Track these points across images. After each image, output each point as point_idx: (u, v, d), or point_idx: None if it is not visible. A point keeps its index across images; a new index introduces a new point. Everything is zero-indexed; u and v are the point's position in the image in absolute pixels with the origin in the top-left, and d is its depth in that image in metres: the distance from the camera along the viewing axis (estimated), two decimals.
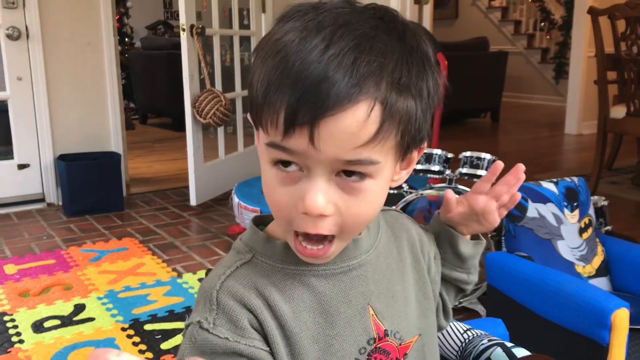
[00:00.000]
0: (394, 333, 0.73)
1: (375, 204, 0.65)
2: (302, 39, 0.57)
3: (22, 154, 3.52)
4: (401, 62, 0.59)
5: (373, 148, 0.59)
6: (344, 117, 0.56)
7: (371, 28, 0.59)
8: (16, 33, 3.36)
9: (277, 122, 0.58)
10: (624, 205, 3.61)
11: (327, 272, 0.69)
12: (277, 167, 0.62)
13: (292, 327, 0.66)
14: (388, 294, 0.74)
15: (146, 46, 6.99)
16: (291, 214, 0.62)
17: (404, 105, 0.59)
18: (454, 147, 2.36)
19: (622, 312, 1.38)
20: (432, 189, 2.25)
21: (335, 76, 0.55)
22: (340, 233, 0.63)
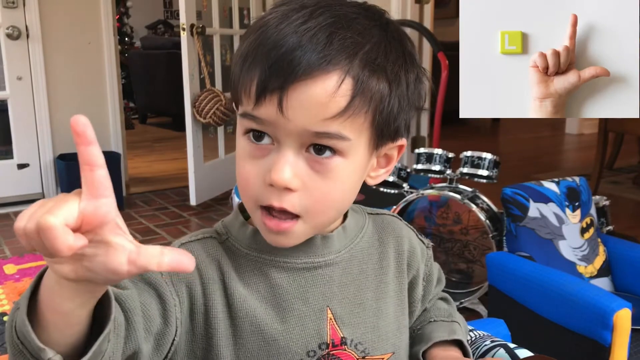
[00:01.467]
0: (355, 344, 0.69)
1: (344, 187, 0.63)
2: (283, 16, 0.59)
3: (21, 153, 3.52)
4: (379, 46, 0.60)
5: (343, 122, 0.59)
6: (313, 86, 0.57)
7: (353, 13, 0.61)
8: (16, 33, 3.35)
9: (250, 91, 0.59)
10: (625, 205, 3.61)
11: (288, 265, 0.67)
12: (249, 139, 0.62)
13: (239, 310, 0.65)
14: (355, 300, 0.70)
15: (146, 46, 6.98)
16: (258, 188, 0.62)
17: (377, 85, 0.59)
18: (455, 147, 2.35)
19: (624, 313, 1.38)
20: (433, 189, 2.24)
21: (307, 46, 0.56)
22: (306, 213, 0.62)
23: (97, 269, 0.43)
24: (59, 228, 0.39)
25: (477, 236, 2.27)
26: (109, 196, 0.43)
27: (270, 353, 0.65)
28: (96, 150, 0.42)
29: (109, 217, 0.42)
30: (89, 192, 0.42)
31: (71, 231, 0.40)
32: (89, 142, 0.42)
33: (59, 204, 0.41)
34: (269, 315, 0.66)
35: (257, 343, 0.65)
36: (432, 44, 2.90)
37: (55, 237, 0.39)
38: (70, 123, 0.41)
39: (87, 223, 0.42)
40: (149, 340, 0.59)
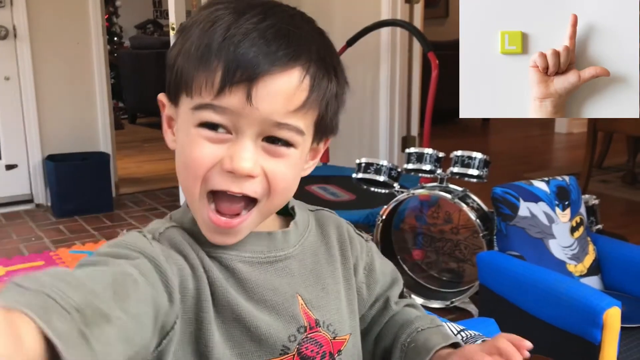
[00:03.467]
0: (327, 325, 0.72)
1: (294, 174, 0.67)
2: (236, 13, 0.62)
3: (9, 154, 3.49)
4: (323, 48, 0.66)
5: (301, 116, 0.63)
6: (281, 79, 0.61)
7: (295, 15, 0.66)
8: (3, 32, 3.32)
9: (212, 82, 0.61)
10: (614, 203, 3.63)
11: (253, 259, 0.69)
12: (204, 128, 0.63)
13: (221, 299, 0.66)
14: (317, 286, 0.74)
15: (135, 45, 6.95)
16: (213, 172, 0.63)
17: (327, 84, 0.65)
18: (445, 146, 2.35)
19: (614, 311, 1.38)
20: (423, 189, 2.24)
21: (273, 42, 0.61)
22: (263, 196, 0.65)
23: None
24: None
25: (468, 235, 2.27)
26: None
27: (253, 338, 0.67)
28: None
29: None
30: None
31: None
32: None
33: None
34: (245, 306, 0.67)
35: (240, 329, 0.66)
36: (422, 44, 2.90)
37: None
38: None
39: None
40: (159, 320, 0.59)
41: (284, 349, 0.68)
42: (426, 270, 2.42)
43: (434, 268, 2.42)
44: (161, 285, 0.59)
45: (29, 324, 0.41)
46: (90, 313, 0.47)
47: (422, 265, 2.42)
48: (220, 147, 0.63)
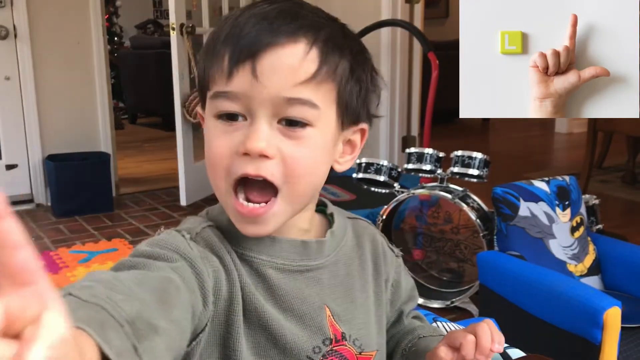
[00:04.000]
0: (354, 339, 0.71)
1: (317, 156, 0.64)
2: (246, 7, 0.64)
3: (10, 154, 3.49)
4: (336, 31, 0.65)
5: (313, 89, 0.62)
6: (282, 52, 0.61)
7: (311, 7, 0.66)
8: (4, 32, 3.33)
9: (222, 68, 0.62)
10: (614, 203, 3.63)
11: (285, 266, 0.68)
12: (222, 119, 0.63)
13: (249, 304, 0.65)
14: (346, 299, 0.72)
15: (136, 45, 6.95)
16: (231, 160, 0.62)
17: (340, 60, 0.64)
18: (445, 146, 2.36)
19: (614, 311, 1.38)
20: (424, 188, 2.24)
21: (276, 21, 0.61)
22: (284, 183, 0.62)
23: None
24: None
25: (468, 235, 2.27)
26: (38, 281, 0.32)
27: (278, 347, 0.66)
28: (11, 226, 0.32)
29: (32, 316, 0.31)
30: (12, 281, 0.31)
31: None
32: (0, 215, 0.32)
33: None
34: (272, 313, 0.66)
35: (265, 336, 0.66)
36: (423, 44, 2.91)
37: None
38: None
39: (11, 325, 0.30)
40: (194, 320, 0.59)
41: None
42: (426, 270, 2.42)
43: (434, 268, 2.42)
44: (198, 288, 0.60)
45: (88, 340, 0.41)
46: (140, 325, 0.47)
47: (423, 265, 2.42)
48: (235, 135, 0.62)
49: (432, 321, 1.03)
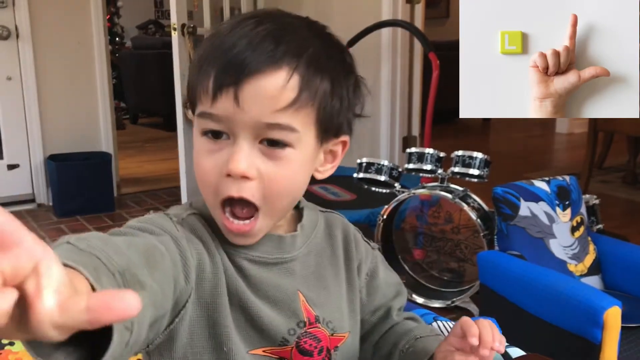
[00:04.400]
0: (327, 322, 0.75)
1: (296, 175, 0.68)
2: (234, 24, 0.66)
3: (11, 154, 3.50)
4: (320, 51, 0.66)
5: (292, 115, 0.64)
6: (265, 80, 0.62)
7: (297, 23, 0.68)
8: (5, 32, 3.33)
9: (207, 89, 0.64)
10: (614, 203, 3.63)
11: (260, 259, 0.72)
12: (207, 137, 0.67)
13: (230, 286, 0.69)
14: (319, 285, 0.76)
15: (137, 46, 6.95)
16: (216, 180, 0.66)
17: (321, 83, 0.66)
18: (446, 146, 2.36)
19: (614, 311, 1.39)
20: (424, 188, 2.25)
21: (258, 46, 0.63)
22: (264, 203, 0.66)
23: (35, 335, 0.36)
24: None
25: (469, 235, 2.27)
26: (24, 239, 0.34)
27: (257, 328, 0.70)
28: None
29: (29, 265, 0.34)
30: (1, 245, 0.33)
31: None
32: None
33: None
34: (250, 296, 0.70)
35: (245, 316, 0.70)
36: (423, 44, 2.91)
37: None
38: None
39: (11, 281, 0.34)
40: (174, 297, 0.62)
41: (283, 341, 0.71)
42: (427, 270, 2.42)
43: (434, 268, 2.42)
44: (180, 263, 0.63)
45: (82, 281, 0.44)
46: (129, 278, 0.50)
47: (423, 265, 2.43)
48: (221, 154, 0.66)
49: (432, 320, 1.03)
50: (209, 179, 0.67)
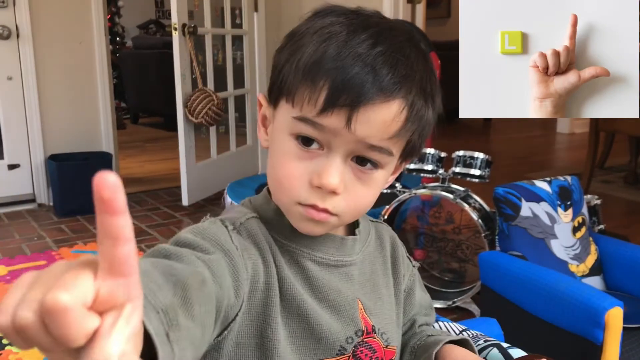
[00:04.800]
0: (382, 332, 0.75)
1: (375, 194, 0.70)
2: (350, 32, 0.63)
3: (12, 154, 3.50)
4: (425, 76, 0.67)
5: (394, 142, 0.65)
6: (381, 108, 0.62)
7: (404, 41, 0.66)
8: (6, 32, 3.33)
9: (316, 100, 0.62)
10: (616, 203, 3.62)
11: (323, 260, 0.72)
12: (298, 142, 0.66)
13: (288, 294, 0.68)
14: (374, 294, 0.76)
15: (138, 45, 6.96)
16: (302, 188, 0.66)
17: (425, 112, 0.67)
18: (447, 146, 2.35)
19: (616, 311, 1.38)
20: (425, 189, 2.24)
21: (381, 71, 0.62)
22: (342, 214, 0.67)
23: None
24: (74, 308, 0.30)
25: (470, 235, 2.27)
26: (132, 274, 0.34)
27: (314, 336, 0.69)
28: (125, 222, 0.33)
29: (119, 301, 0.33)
30: (109, 271, 0.33)
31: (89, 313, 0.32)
32: (116, 211, 0.32)
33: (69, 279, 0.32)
34: (310, 302, 0.70)
35: (302, 325, 0.69)
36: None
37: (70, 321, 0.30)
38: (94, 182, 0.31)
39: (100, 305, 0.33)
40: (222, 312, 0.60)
41: (341, 350, 0.71)
42: (428, 270, 2.42)
43: (435, 268, 2.42)
44: (230, 279, 0.61)
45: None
46: (171, 316, 0.48)
47: (424, 265, 2.42)
48: (310, 163, 0.65)
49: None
50: (293, 183, 0.66)
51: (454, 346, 0.80)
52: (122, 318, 0.33)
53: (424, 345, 0.82)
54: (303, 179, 0.65)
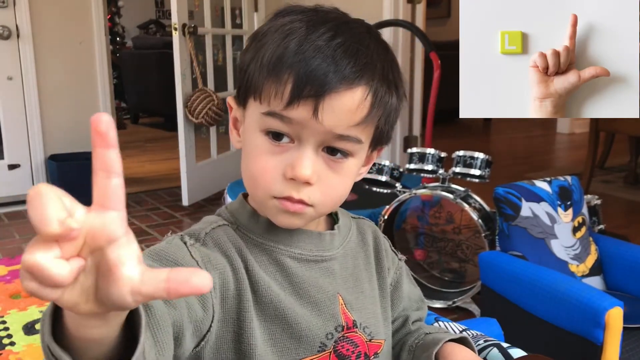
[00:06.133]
0: (364, 327, 0.76)
1: (349, 183, 0.71)
2: (309, 27, 0.66)
3: (12, 154, 3.50)
4: (387, 65, 0.69)
5: (361, 129, 0.67)
6: (345, 96, 0.64)
7: (364, 32, 0.69)
8: (6, 32, 3.33)
9: (282, 94, 0.64)
10: (616, 203, 3.62)
11: (302, 256, 0.73)
12: (268, 137, 0.67)
13: (264, 296, 0.69)
14: (356, 289, 0.77)
15: (138, 45, 6.96)
16: (274, 180, 0.67)
17: (389, 99, 0.68)
18: (447, 146, 2.35)
19: (616, 311, 1.38)
20: (425, 189, 2.24)
21: (342, 61, 0.64)
22: (317, 205, 0.68)
23: (104, 301, 0.40)
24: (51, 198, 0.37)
25: (470, 235, 2.27)
26: (120, 209, 0.39)
27: (293, 335, 0.70)
28: (115, 155, 0.39)
29: (117, 234, 0.38)
30: (100, 201, 0.39)
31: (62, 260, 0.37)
32: (109, 144, 0.38)
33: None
34: (289, 301, 0.70)
35: (281, 326, 0.70)
36: (425, 44, 2.90)
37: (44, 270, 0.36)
38: (91, 121, 0.38)
39: (92, 238, 0.38)
40: (189, 327, 0.62)
41: (322, 346, 0.71)
42: (428, 271, 2.42)
43: (435, 268, 2.42)
44: (195, 299, 0.63)
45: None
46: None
47: (424, 266, 2.42)
48: (282, 157, 0.67)
49: (433, 321, 1.03)
50: (266, 178, 0.67)
51: (454, 345, 0.80)
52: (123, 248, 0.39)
53: (422, 344, 0.82)
54: (276, 172, 0.67)
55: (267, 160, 0.67)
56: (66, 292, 0.39)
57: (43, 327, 0.45)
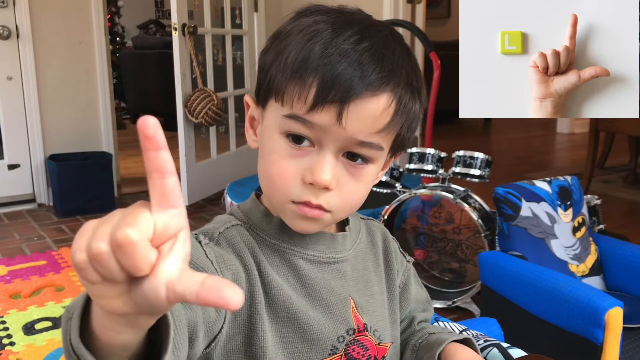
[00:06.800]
0: (374, 330, 0.75)
1: (367, 189, 0.70)
2: (335, 29, 0.64)
3: (12, 154, 3.50)
4: (411, 70, 0.68)
5: (383, 136, 0.66)
6: (370, 103, 0.63)
7: (388, 36, 0.67)
8: (6, 32, 3.33)
9: (305, 97, 0.63)
10: (616, 203, 3.62)
11: (314, 258, 0.72)
12: (288, 140, 0.66)
13: (276, 297, 0.68)
14: (367, 291, 0.77)
15: (137, 45, 6.95)
16: (293, 184, 0.66)
17: (412, 105, 0.67)
18: (447, 146, 2.35)
19: (616, 311, 1.38)
20: (425, 189, 2.24)
21: (368, 67, 0.63)
22: (335, 210, 0.68)
23: (136, 299, 0.39)
24: (141, 242, 0.35)
25: (470, 235, 2.27)
26: (179, 205, 0.39)
27: (305, 338, 0.70)
28: (167, 156, 0.39)
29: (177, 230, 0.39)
30: (159, 202, 0.38)
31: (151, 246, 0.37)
32: (159, 146, 0.38)
33: (132, 217, 0.36)
34: (301, 303, 0.70)
35: (293, 328, 0.69)
36: (424, 44, 2.90)
37: (136, 253, 0.35)
38: (138, 125, 0.38)
39: (158, 237, 0.38)
40: (202, 328, 0.61)
41: (333, 349, 0.71)
42: (428, 271, 2.42)
43: (435, 268, 2.42)
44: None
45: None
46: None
47: (424, 266, 2.42)
48: (301, 160, 0.66)
49: (434, 321, 1.03)
50: (286, 181, 0.66)
51: (457, 345, 0.80)
52: (177, 243, 0.38)
53: (426, 344, 0.82)
54: (295, 177, 0.66)
55: (287, 163, 0.66)
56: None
57: (70, 327, 0.44)
